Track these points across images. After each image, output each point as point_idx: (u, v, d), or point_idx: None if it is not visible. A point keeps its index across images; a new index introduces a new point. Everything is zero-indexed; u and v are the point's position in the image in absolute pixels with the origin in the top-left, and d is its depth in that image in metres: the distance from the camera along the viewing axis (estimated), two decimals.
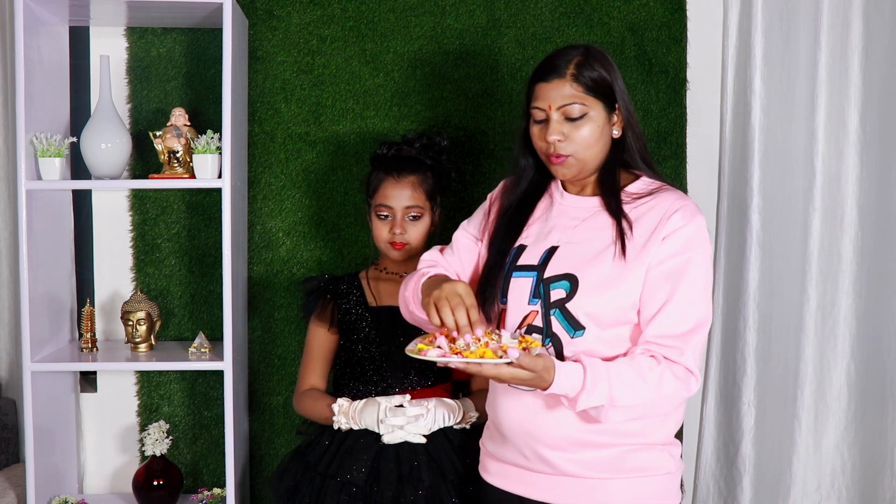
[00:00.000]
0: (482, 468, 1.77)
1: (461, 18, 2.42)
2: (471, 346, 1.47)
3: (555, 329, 1.59)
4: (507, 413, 1.64)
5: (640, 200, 1.63)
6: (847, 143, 2.25)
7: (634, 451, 1.60)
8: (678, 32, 2.45)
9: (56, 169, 2.12)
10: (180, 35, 2.40)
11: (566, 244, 1.64)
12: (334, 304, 2.04)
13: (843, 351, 2.28)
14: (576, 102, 1.59)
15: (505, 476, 1.70)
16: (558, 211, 1.70)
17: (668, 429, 1.64)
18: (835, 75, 2.26)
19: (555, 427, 1.59)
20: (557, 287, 1.60)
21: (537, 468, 1.63)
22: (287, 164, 2.42)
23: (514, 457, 1.66)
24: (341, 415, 1.91)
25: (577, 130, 1.60)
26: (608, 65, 1.65)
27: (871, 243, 2.23)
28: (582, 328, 1.57)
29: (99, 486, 2.48)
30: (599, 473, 1.59)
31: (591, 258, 1.60)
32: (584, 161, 1.62)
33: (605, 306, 1.57)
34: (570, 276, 1.59)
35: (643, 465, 1.60)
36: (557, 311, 1.59)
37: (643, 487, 1.61)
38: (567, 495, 1.61)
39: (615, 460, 1.59)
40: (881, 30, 2.19)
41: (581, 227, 1.65)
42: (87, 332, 2.27)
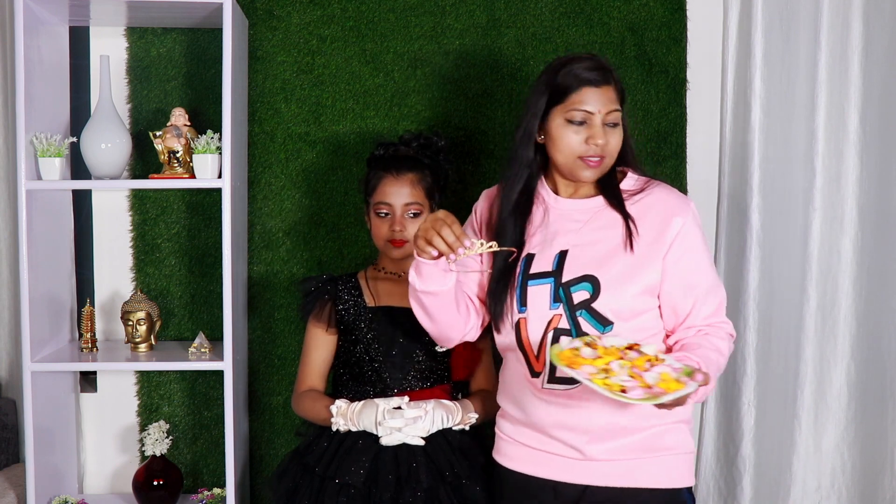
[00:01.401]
0: (499, 454, 1.82)
1: (461, 18, 2.42)
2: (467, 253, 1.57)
3: (584, 329, 1.66)
4: (541, 413, 1.71)
5: (636, 197, 1.72)
6: (847, 143, 2.25)
7: (663, 431, 1.69)
8: (678, 32, 2.45)
9: (56, 169, 2.12)
10: (180, 35, 2.40)
11: (575, 246, 1.70)
12: (332, 304, 2.04)
13: (843, 351, 2.28)
14: (616, 109, 1.68)
15: (533, 462, 1.75)
16: (556, 215, 1.74)
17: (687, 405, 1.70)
18: (835, 75, 2.26)
19: (590, 419, 1.67)
20: (579, 289, 1.67)
21: (570, 454, 1.70)
22: (287, 164, 2.42)
23: (544, 444, 1.73)
24: (339, 416, 1.91)
25: (613, 136, 1.68)
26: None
27: (871, 243, 2.23)
28: (610, 323, 1.66)
29: (99, 486, 2.48)
30: (631, 456, 1.68)
31: (606, 257, 1.67)
32: (607, 166, 1.71)
33: (627, 300, 1.66)
34: (590, 276, 1.67)
35: (670, 444, 1.70)
36: (584, 311, 1.66)
37: (673, 465, 1.71)
38: (600, 478, 1.69)
39: (646, 442, 1.68)
40: (881, 30, 2.19)
41: (586, 229, 1.71)
42: (87, 332, 2.27)
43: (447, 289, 1.67)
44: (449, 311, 1.73)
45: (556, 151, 1.69)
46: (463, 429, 1.95)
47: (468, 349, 2.05)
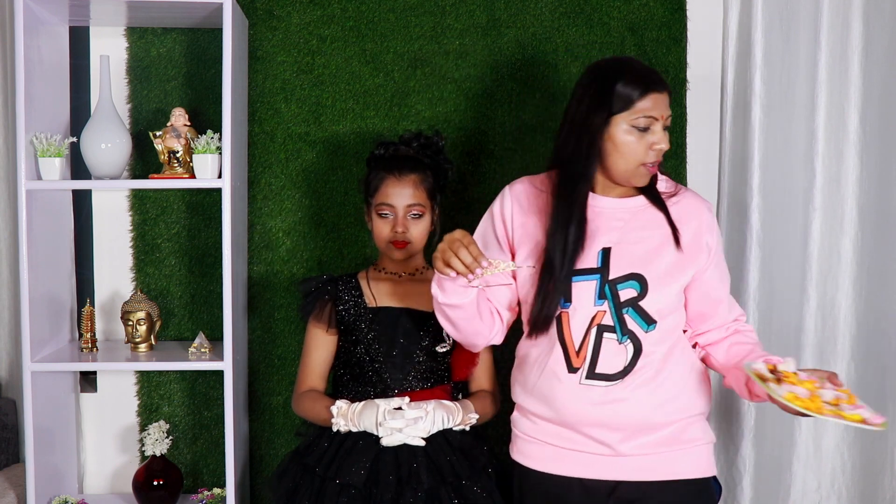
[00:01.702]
0: (520, 454, 1.84)
1: (461, 18, 2.42)
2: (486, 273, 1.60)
3: (630, 326, 1.70)
4: (575, 408, 1.72)
5: (672, 200, 1.78)
6: (847, 143, 2.25)
7: (687, 424, 1.74)
8: (678, 32, 2.45)
9: (56, 169, 2.12)
10: (180, 35, 2.40)
11: (618, 244, 1.73)
12: (333, 304, 2.04)
13: (843, 351, 2.28)
14: (670, 114, 1.71)
15: (560, 460, 1.77)
16: (595, 213, 1.75)
17: (707, 397, 1.82)
18: (835, 75, 2.26)
19: (630, 414, 1.71)
20: (626, 287, 1.71)
21: (599, 451, 1.73)
22: (287, 164, 2.42)
23: (573, 443, 1.75)
24: (340, 417, 1.90)
25: (666, 139, 1.71)
26: None
27: (871, 243, 2.23)
28: (654, 322, 1.71)
29: (99, 486, 2.48)
30: (659, 450, 1.72)
31: (651, 256, 1.72)
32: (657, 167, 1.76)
33: (670, 299, 1.73)
34: (637, 275, 1.71)
35: (695, 436, 1.76)
36: (631, 309, 1.70)
37: (698, 456, 1.76)
38: (631, 473, 1.73)
39: (672, 435, 1.73)
40: (881, 30, 2.19)
41: (628, 228, 1.74)
42: (87, 332, 2.27)
43: (469, 301, 1.70)
44: (473, 321, 1.75)
45: (619, 158, 1.70)
46: (463, 429, 1.95)
47: (468, 350, 2.05)
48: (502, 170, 2.43)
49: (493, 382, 2.10)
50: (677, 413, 1.73)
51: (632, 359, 1.70)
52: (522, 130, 2.43)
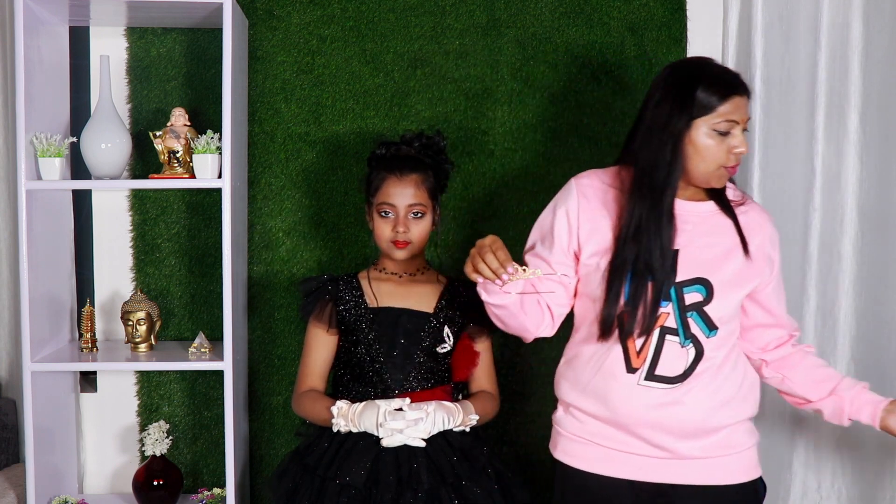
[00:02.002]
0: (565, 453, 1.82)
1: (461, 18, 2.42)
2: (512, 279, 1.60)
3: (693, 330, 1.71)
4: (632, 409, 1.71)
5: (740, 209, 1.79)
6: (847, 143, 2.25)
7: (736, 428, 1.76)
8: (678, 32, 2.45)
9: (56, 169, 2.12)
10: (180, 35, 2.40)
11: (686, 247, 1.72)
12: (333, 304, 2.04)
13: (843, 351, 2.28)
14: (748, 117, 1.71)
15: (609, 461, 1.76)
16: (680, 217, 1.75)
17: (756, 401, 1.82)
18: (835, 75, 2.26)
19: (688, 417, 1.71)
20: (692, 291, 1.71)
21: (651, 454, 1.73)
22: (287, 164, 2.42)
23: (628, 445, 1.74)
24: (340, 417, 1.90)
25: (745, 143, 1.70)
26: None
27: (871, 243, 2.23)
28: (716, 328, 1.71)
29: (99, 486, 2.48)
30: (716, 452, 1.73)
31: (718, 261, 1.73)
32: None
33: (732, 306, 1.74)
34: (704, 280, 1.71)
35: (743, 440, 1.77)
36: (695, 313, 1.71)
37: (748, 459, 1.78)
38: (687, 475, 1.74)
39: (724, 440, 1.74)
40: (881, 30, 2.19)
41: (696, 232, 1.74)
42: (87, 332, 2.27)
43: (511, 301, 1.70)
44: (518, 317, 1.75)
45: (700, 161, 1.69)
46: (464, 430, 1.94)
47: (468, 350, 2.05)
48: (502, 170, 2.43)
49: (493, 383, 2.10)
50: (729, 418, 1.74)
51: (692, 362, 1.70)
52: (522, 130, 2.43)
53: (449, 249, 2.42)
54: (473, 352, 2.05)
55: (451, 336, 2.03)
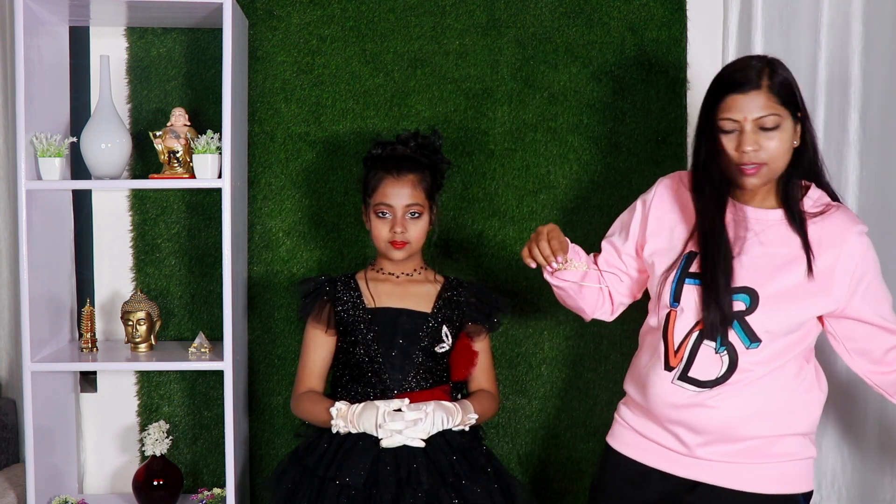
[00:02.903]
0: (613, 437, 1.88)
1: (461, 18, 2.42)
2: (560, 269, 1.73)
3: (731, 339, 1.67)
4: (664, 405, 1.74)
5: (816, 219, 1.70)
6: (847, 143, 2.25)
7: (776, 439, 1.70)
8: (678, 32, 2.45)
9: (56, 169, 2.12)
10: (180, 35, 2.40)
11: (742, 254, 1.68)
12: (332, 305, 2.04)
13: None
14: (770, 114, 1.62)
15: (645, 450, 1.80)
16: (729, 219, 1.72)
17: (810, 419, 1.74)
18: (835, 75, 2.25)
19: (710, 424, 1.70)
20: (737, 299, 1.67)
21: (679, 450, 1.74)
22: (287, 164, 2.42)
23: (663, 438, 1.77)
24: (339, 418, 1.90)
25: (769, 141, 1.63)
26: (790, 73, 1.70)
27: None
28: (758, 340, 1.67)
29: (99, 486, 2.48)
30: (744, 459, 1.70)
31: (773, 272, 1.67)
32: (773, 171, 1.67)
33: (785, 321, 1.67)
34: (749, 289, 1.67)
35: (787, 451, 1.71)
36: (735, 322, 1.67)
37: (788, 472, 1.72)
38: (711, 476, 1.72)
39: (761, 448, 1.70)
40: (881, 30, 2.19)
41: (757, 239, 1.70)
42: (87, 332, 2.27)
43: (568, 284, 1.82)
44: (575, 300, 1.86)
45: (722, 160, 1.68)
46: (463, 429, 1.94)
47: (466, 350, 2.05)
48: (502, 170, 2.43)
49: (492, 382, 2.10)
50: (769, 429, 1.70)
51: (726, 371, 1.67)
52: (522, 130, 2.43)
53: (448, 249, 2.42)
54: (472, 351, 2.05)
55: (450, 336, 2.03)
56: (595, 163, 2.44)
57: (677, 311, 1.72)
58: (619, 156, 2.43)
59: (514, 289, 2.42)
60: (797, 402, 1.72)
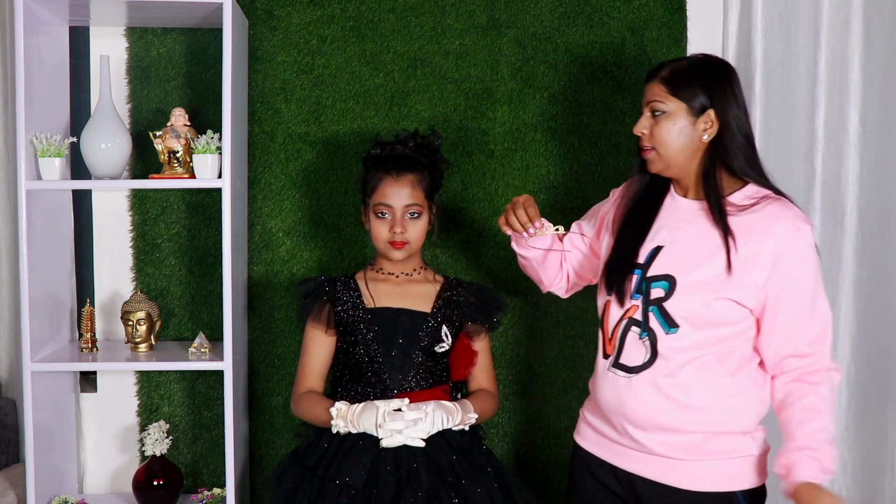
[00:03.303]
0: (578, 433, 1.92)
1: (461, 18, 2.42)
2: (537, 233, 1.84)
3: (652, 325, 1.73)
4: (604, 393, 1.79)
5: (745, 211, 1.71)
6: (847, 143, 2.25)
7: (716, 436, 1.71)
8: (678, 32, 2.45)
9: (56, 169, 2.12)
10: (180, 35, 2.40)
11: (670, 244, 1.76)
12: (331, 305, 2.04)
13: (843, 351, 2.28)
14: (657, 100, 1.74)
15: (598, 445, 1.85)
16: (667, 212, 1.80)
17: (749, 418, 1.74)
18: (835, 75, 2.26)
19: (642, 409, 1.72)
20: (657, 286, 1.73)
21: (627, 444, 1.77)
22: (287, 164, 2.42)
23: (608, 431, 1.81)
24: (339, 418, 1.90)
25: (656, 127, 1.75)
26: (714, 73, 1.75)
27: (871, 243, 2.23)
28: (676, 326, 1.71)
29: (99, 486, 2.48)
30: (682, 455, 1.72)
31: (691, 261, 1.72)
32: (665, 158, 1.75)
33: (701, 309, 1.69)
34: (670, 276, 1.72)
35: (725, 448, 1.72)
36: (655, 308, 1.72)
37: (726, 469, 1.73)
38: (652, 471, 1.75)
39: (697, 444, 1.71)
40: (881, 30, 2.19)
41: (684, 230, 1.75)
42: (87, 332, 2.27)
43: (535, 255, 1.95)
44: (537, 271, 2.00)
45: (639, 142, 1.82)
46: (463, 429, 1.95)
47: (466, 349, 2.05)
48: (502, 170, 2.43)
49: (492, 381, 2.11)
50: (703, 425, 1.71)
51: (650, 357, 1.72)
52: (522, 130, 2.43)
53: (448, 249, 2.42)
54: (472, 351, 2.05)
55: (450, 335, 2.03)
56: (595, 163, 2.44)
57: (611, 300, 1.79)
58: (619, 156, 2.43)
59: (514, 289, 2.42)
60: (733, 401, 1.72)
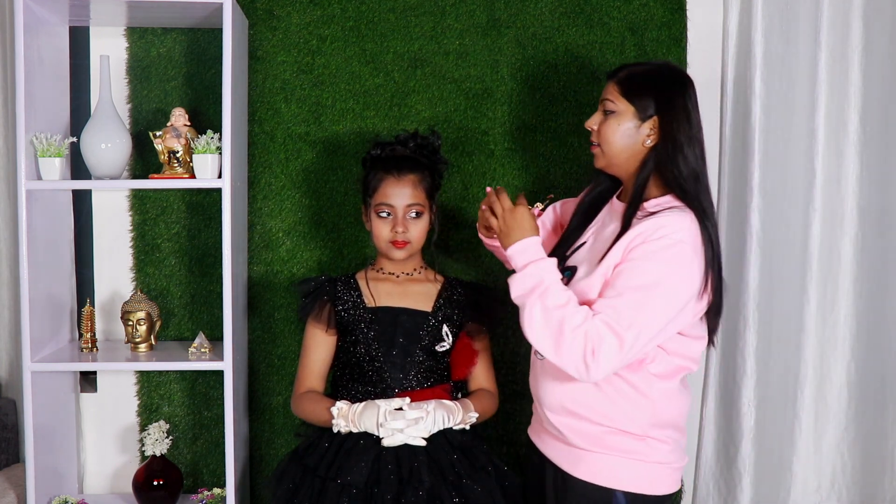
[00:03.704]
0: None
1: (461, 18, 2.42)
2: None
3: None
4: (530, 378, 1.88)
5: (647, 217, 1.69)
6: (847, 143, 2.25)
7: (614, 433, 1.74)
8: (678, 32, 2.45)
9: (56, 169, 2.12)
10: (180, 35, 2.40)
11: (589, 241, 1.82)
12: (332, 305, 2.04)
13: (843, 351, 2.29)
14: (607, 99, 1.78)
15: (532, 428, 1.94)
16: (604, 212, 1.87)
17: (637, 421, 1.73)
18: (835, 75, 2.26)
19: (548, 391, 1.79)
20: (566, 275, 1.79)
21: (546, 428, 1.84)
22: (287, 164, 2.42)
23: (536, 415, 1.90)
24: (341, 418, 1.90)
25: (604, 124, 1.78)
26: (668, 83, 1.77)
27: (871, 243, 2.23)
28: None
29: (99, 486, 2.48)
30: (584, 443, 1.75)
31: (593, 256, 1.76)
32: (608, 156, 1.79)
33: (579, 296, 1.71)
34: (573, 268, 1.80)
35: (618, 445, 1.74)
36: None
37: (612, 466, 1.74)
38: (560, 458, 1.80)
39: (599, 436, 1.75)
40: (881, 30, 2.19)
41: (606, 229, 1.80)
42: (87, 332, 2.27)
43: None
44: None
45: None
46: (463, 428, 1.95)
47: (467, 349, 2.05)
48: (502, 170, 2.43)
49: (492, 381, 2.11)
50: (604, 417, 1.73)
51: None
52: (522, 130, 2.43)
53: (448, 249, 2.42)
54: (472, 350, 2.05)
55: (450, 335, 2.03)
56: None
57: None
58: None
59: None
60: (621, 399, 1.72)
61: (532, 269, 1.69)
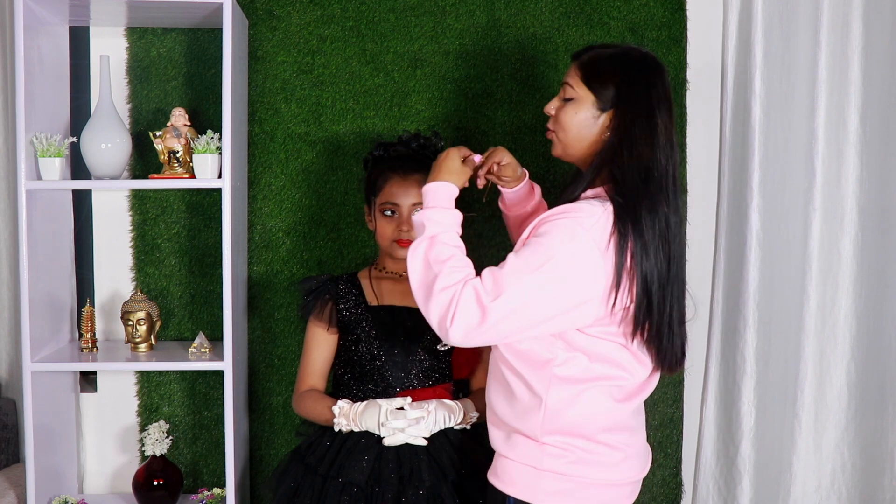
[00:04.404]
0: None
1: (461, 18, 2.42)
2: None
3: None
4: None
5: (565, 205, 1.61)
6: (847, 143, 2.25)
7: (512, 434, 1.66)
8: (678, 32, 2.45)
9: (56, 169, 2.12)
10: (180, 35, 2.40)
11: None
12: (334, 303, 2.04)
13: (843, 351, 2.29)
14: (567, 84, 1.68)
15: None
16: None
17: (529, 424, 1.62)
18: (835, 75, 2.26)
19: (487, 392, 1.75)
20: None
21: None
22: (287, 164, 2.42)
23: None
24: (342, 417, 1.91)
25: (562, 110, 1.68)
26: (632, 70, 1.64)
27: (871, 243, 2.23)
28: None
29: (99, 486, 2.48)
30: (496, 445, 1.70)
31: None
32: (564, 144, 1.70)
33: None
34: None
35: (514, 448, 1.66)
36: None
37: (507, 468, 1.67)
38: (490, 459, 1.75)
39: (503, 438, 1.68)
40: (881, 30, 2.19)
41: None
42: (87, 332, 2.27)
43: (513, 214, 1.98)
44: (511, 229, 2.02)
45: None
46: (464, 428, 1.95)
47: (468, 348, 2.05)
48: None
49: None
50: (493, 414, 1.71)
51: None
52: (522, 130, 2.43)
53: None
54: (473, 350, 2.05)
55: None
56: None
57: None
58: None
59: None
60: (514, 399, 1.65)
61: (432, 214, 1.64)
